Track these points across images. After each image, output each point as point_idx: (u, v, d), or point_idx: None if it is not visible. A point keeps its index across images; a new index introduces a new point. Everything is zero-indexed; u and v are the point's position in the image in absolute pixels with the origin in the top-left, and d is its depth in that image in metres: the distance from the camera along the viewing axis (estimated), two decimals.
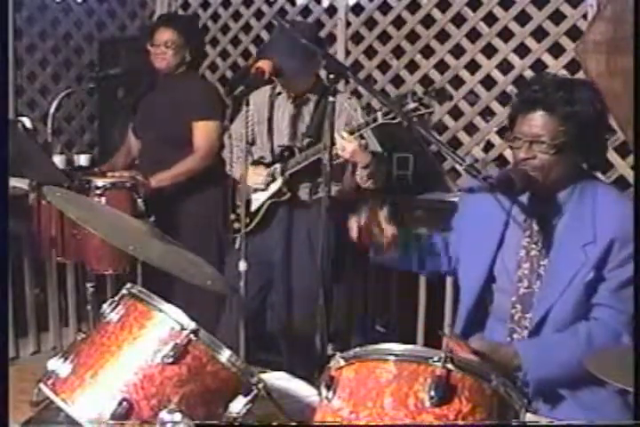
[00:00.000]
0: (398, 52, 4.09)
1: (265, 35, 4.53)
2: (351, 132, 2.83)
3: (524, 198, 1.96)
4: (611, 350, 1.66)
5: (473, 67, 3.86)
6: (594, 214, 1.90)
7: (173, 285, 2.96)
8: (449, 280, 3.32)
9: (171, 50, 3.48)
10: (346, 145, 2.81)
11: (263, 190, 3.18)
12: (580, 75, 3.41)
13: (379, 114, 2.75)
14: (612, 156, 3.42)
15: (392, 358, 1.34)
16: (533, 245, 1.96)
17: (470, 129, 3.91)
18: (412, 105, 2.64)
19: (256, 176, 3.14)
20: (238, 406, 1.50)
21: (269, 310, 3.48)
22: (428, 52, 3.99)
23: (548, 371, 1.83)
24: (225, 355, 1.50)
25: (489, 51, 3.80)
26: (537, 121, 1.88)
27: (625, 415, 1.82)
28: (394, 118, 2.69)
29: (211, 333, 1.52)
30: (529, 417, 1.44)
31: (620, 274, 1.86)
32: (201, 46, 3.81)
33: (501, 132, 3.69)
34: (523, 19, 3.67)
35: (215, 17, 4.80)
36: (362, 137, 2.87)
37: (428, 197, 3.67)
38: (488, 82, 3.83)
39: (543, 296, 1.92)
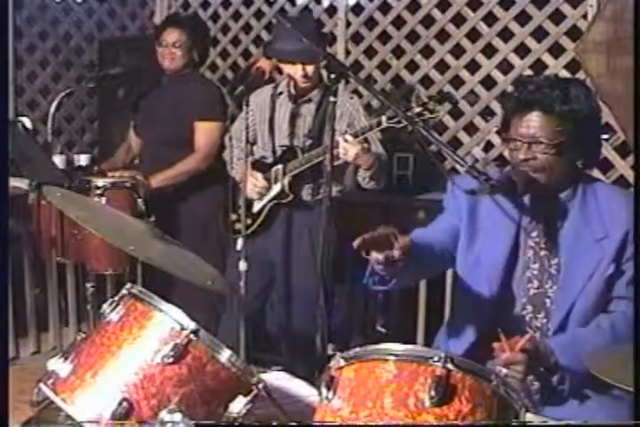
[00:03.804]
0: (398, 52, 4.09)
1: (265, 35, 4.53)
2: (355, 136, 2.82)
3: (526, 200, 1.97)
4: (611, 350, 1.66)
5: (473, 67, 3.86)
6: (600, 210, 1.92)
7: (173, 285, 2.96)
8: (449, 280, 3.32)
9: (180, 50, 3.48)
10: (349, 148, 2.80)
11: (260, 198, 3.18)
12: (580, 75, 3.41)
13: (383, 118, 2.73)
14: (612, 156, 3.42)
15: (392, 358, 1.34)
16: (542, 246, 1.97)
17: (470, 129, 3.91)
18: (416, 109, 2.62)
19: (251, 186, 3.12)
20: (238, 406, 1.50)
21: (270, 311, 3.48)
22: (427, 52, 3.99)
23: (579, 367, 1.77)
24: (225, 355, 1.50)
25: (489, 51, 3.80)
26: (534, 122, 1.88)
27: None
28: (398, 122, 2.67)
29: (211, 333, 1.52)
30: (529, 417, 1.44)
31: (633, 265, 1.88)
32: (208, 47, 3.81)
33: (501, 133, 3.68)
34: (523, 19, 3.67)
35: (215, 17, 4.80)
36: (365, 139, 2.86)
37: (428, 198, 3.68)
38: (488, 82, 3.83)
39: (563, 295, 1.93)
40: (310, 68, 3.03)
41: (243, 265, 2.68)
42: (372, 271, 1.84)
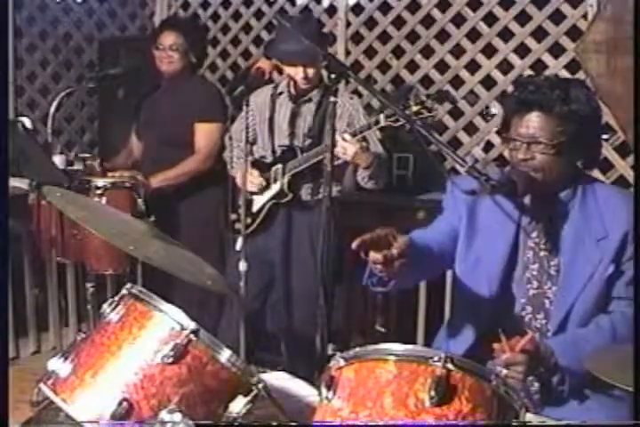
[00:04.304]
0: (398, 52, 4.09)
1: (265, 35, 4.53)
2: (353, 135, 2.82)
3: (527, 200, 1.97)
4: (610, 350, 1.66)
5: (473, 67, 3.86)
6: (600, 211, 1.93)
7: (173, 285, 2.96)
8: (449, 280, 3.32)
9: (177, 53, 3.47)
10: (347, 147, 2.81)
11: (264, 191, 3.18)
12: (580, 75, 3.41)
13: (381, 116, 2.74)
14: (612, 156, 3.42)
15: (392, 358, 1.34)
16: (542, 246, 1.97)
17: (470, 129, 3.90)
18: (414, 108, 2.63)
19: (250, 180, 3.12)
20: (238, 406, 1.50)
21: (270, 310, 3.48)
22: (427, 52, 3.99)
23: (579, 367, 1.76)
24: (225, 355, 1.50)
25: (489, 51, 3.79)
26: (534, 122, 1.89)
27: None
28: (396, 121, 2.67)
29: (211, 333, 1.52)
30: (529, 417, 1.44)
31: (633, 265, 1.88)
32: (205, 48, 3.80)
33: (501, 133, 3.68)
34: (523, 19, 3.67)
35: (215, 17, 4.80)
36: (364, 138, 2.86)
37: (428, 198, 3.68)
38: (488, 82, 3.83)
39: (562, 295, 1.93)
40: (311, 70, 3.03)
41: (242, 265, 2.68)
42: (371, 273, 1.83)
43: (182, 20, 4.55)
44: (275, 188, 3.16)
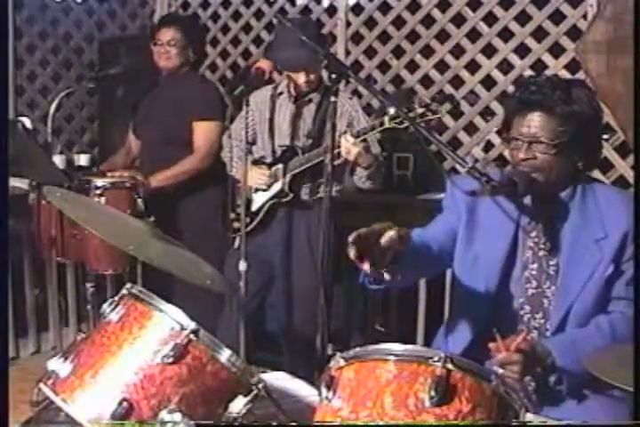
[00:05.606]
0: (398, 52, 4.09)
1: (265, 35, 4.53)
2: (357, 136, 2.82)
3: (527, 200, 1.97)
4: (610, 350, 1.66)
5: (473, 67, 3.86)
6: (599, 211, 1.93)
7: (173, 285, 2.96)
8: (449, 280, 3.32)
9: (175, 49, 3.48)
10: (351, 148, 2.81)
11: (264, 190, 3.18)
12: (580, 75, 3.41)
13: (385, 118, 2.73)
14: (612, 156, 3.42)
15: (392, 358, 1.34)
16: (542, 246, 1.97)
17: (470, 129, 3.91)
18: (419, 110, 2.62)
19: (257, 176, 3.13)
20: (238, 406, 1.50)
21: (269, 310, 3.47)
22: (427, 52, 3.99)
23: (578, 367, 1.75)
24: (225, 355, 1.50)
25: (489, 51, 3.79)
26: (535, 122, 1.89)
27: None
28: (401, 123, 2.67)
29: (211, 333, 1.52)
30: (529, 417, 1.44)
31: (633, 265, 1.88)
32: (204, 46, 3.81)
33: (501, 133, 3.68)
34: (523, 19, 3.67)
35: (215, 17, 4.80)
36: (364, 139, 2.87)
37: (428, 198, 3.68)
38: (488, 82, 3.83)
39: (561, 295, 1.93)
40: (312, 75, 3.05)
41: (242, 265, 2.68)
42: None
43: (181, 16, 4.57)
44: (275, 187, 3.16)
